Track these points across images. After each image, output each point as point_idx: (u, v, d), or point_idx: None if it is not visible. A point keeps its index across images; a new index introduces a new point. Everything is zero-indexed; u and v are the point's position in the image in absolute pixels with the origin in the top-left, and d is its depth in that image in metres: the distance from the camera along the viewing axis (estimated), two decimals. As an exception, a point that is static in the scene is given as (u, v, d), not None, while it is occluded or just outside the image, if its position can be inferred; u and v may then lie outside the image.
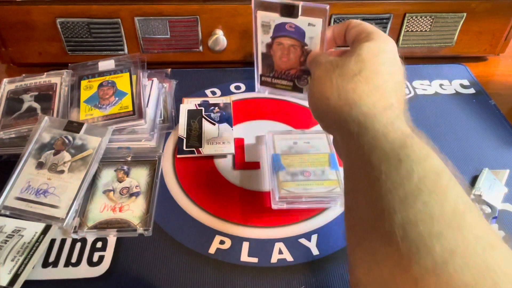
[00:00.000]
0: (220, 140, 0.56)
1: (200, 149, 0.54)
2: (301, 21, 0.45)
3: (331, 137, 0.54)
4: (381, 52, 0.36)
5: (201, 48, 0.66)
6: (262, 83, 0.53)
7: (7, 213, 0.45)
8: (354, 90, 0.34)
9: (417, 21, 0.66)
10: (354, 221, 0.30)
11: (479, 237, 0.24)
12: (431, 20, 0.66)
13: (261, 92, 0.54)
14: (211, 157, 0.54)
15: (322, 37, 0.46)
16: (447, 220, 0.24)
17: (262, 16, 0.47)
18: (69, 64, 0.60)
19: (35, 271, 0.42)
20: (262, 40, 0.49)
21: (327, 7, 0.43)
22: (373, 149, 0.29)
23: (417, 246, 0.23)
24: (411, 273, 0.23)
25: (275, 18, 0.46)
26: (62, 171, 0.48)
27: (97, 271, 0.42)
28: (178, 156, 0.54)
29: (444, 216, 0.24)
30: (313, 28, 0.45)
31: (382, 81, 0.34)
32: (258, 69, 0.52)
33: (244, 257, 0.44)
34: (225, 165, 0.53)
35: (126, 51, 0.66)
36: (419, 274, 0.23)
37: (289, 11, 0.45)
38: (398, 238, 0.24)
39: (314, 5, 0.44)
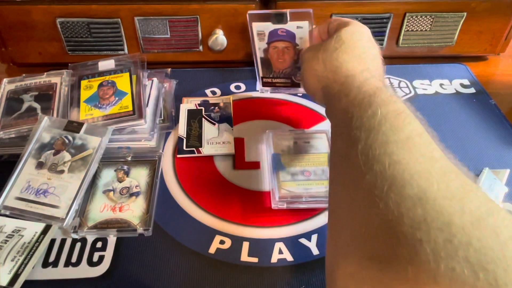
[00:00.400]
0: (220, 140, 0.56)
1: (200, 149, 0.54)
2: (290, 25, 0.52)
3: (331, 137, 0.54)
4: (357, 32, 0.44)
5: (201, 48, 0.66)
6: (264, 84, 0.60)
7: (7, 213, 0.45)
8: (337, 59, 0.42)
9: (417, 20, 0.66)
10: (333, 158, 0.36)
11: (424, 153, 0.29)
12: (431, 20, 0.66)
13: (264, 92, 0.62)
14: (211, 157, 0.54)
15: (310, 36, 0.52)
16: (400, 144, 0.29)
17: (257, 26, 0.54)
18: (69, 64, 0.60)
19: (35, 271, 0.42)
20: (259, 46, 0.56)
21: (311, 10, 0.50)
22: (350, 101, 0.36)
23: (372, 163, 0.29)
24: (365, 181, 0.29)
25: (268, 26, 0.53)
26: (62, 171, 0.48)
27: (97, 271, 0.42)
28: (178, 156, 0.54)
29: (398, 141, 0.30)
30: (301, 30, 0.52)
31: (359, 52, 0.42)
32: (259, 72, 0.59)
33: (244, 257, 0.44)
34: (225, 165, 0.53)
35: (126, 51, 0.66)
36: (371, 180, 0.29)
37: (279, 18, 0.52)
38: (360, 159, 0.30)
39: (299, 10, 0.51)
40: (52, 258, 0.43)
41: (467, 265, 0.22)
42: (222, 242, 0.45)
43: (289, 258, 0.44)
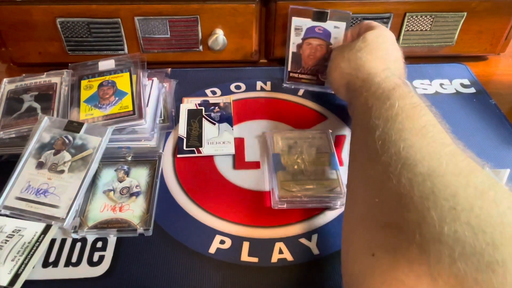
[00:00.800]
0: (220, 140, 0.56)
1: (200, 148, 0.54)
2: (328, 24, 0.56)
3: (331, 137, 0.54)
4: (381, 36, 0.49)
5: (201, 47, 0.66)
6: (290, 78, 0.64)
7: (7, 213, 0.45)
8: (360, 58, 0.47)
9: (418, 20, 0.66)
10: (353, 145, 0.40)
11: (436, 139, 0.32)
12: (432, 20, 0.66)
13: (288, 86, 0.65)
14: (211, 157, 0.54)
15: (344, 38, 0.57)
16: (414, 131, 0.33)
17: (296, 21, 0.57)
18: (69, 64, 0.60)
19: (35, 271, 0.42)
20: (293, 41, 0.59)
21: (350, 12, 0.56)
22: (370, 95, 0.40)
23: (388, 146, 0.32)
24: (381, 161, 0.32)
25: (307, 22, 0.57)
26: (62, 171, 0.48)
27: (97, 271, 0.42)
28: (178, 156, 0.54)
29: (413, 129, 0.33)
30: (337, 30, 0.57)
31: (382, 53, 0.47)
32: (288, 66, 0.63)
33: (245, 256, 0.44)
34: (225, 165, 0.53)
35: (126, 50, 0.66)
36: (386, 160, 0.32)
37: (320, 16, 0.56)
38: (377, 144, 0.34)
39: (340, 11, 0.56)
40: (52, 258, 0.43)
41: (468, 228, 0.25)
42: (222, 242, 0.45)
43: (289, 258, 0.44)
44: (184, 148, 0.55)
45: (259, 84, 0.66)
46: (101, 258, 0.43)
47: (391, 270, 0.27)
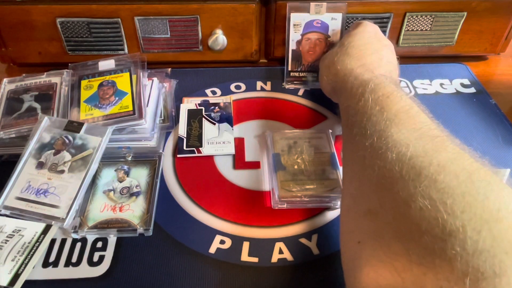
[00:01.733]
0: (220, 140, 0.56)
1: (200, 148, 0.54)
2: (326, 17, 0.59)
3: (331, 136, 0.55)
4: (358, 33, 0.51)
5: (201, 47, 0.66)
6: (290, 78, 0.65)
7: (7, 213, 0.45)
8: (337, 62, 0.49)
9: (418, 20, 0.66)
10: (342, 143, 0.43)
11: (407, 125, 0.34)
12: (432, 19, 0.66)
13: (288, 86, 0.66)
14: (211, 157, 0.54)
15: (342, 29, 0.59)
16: (388, 122, 0.35)
17: (295, 16, 0.59)
18: (69, 64, 0.60)
19: (35, 271, 0.42)
20: (292, 38, 0.60)
21: (346, 3, 0.59)
22: (347, 95, 0.42)
23: (364, 141, 0.35)
24: (359, 155, 0.35)
25: (305, 17, 0.59)
26: (62, 171, 0.48)
27: (98, 271, 0.42)
28: (178, 155, 0.54)
29: (386, 119, 0.35)
30: (335, 22, 0.59)
31: (357, 52, 0.49)
32: (288, 66, 0.64)
33: (245, 256, 0.44)
34: (225, 164, 0.53)
35: (126, 50, 0.66)
36: (362, 154, 0.35)
37: (318, 9, 0.58)
38: (356, 139, 0.36)
39: (335, 2, 0.59)
40: (52, 258, 0.43)
41: (431, 202, 0.27)
42: (222, 242, 0.45)
43: (289, 258, 0.44)
44: (184, 148, 0.55)
45: (259, 84, 0.66)
46: (101, 258, 0.43)
47: (374, 253, 0.29)
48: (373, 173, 0.32)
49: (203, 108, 0.60)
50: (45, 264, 0.43)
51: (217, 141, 0.56)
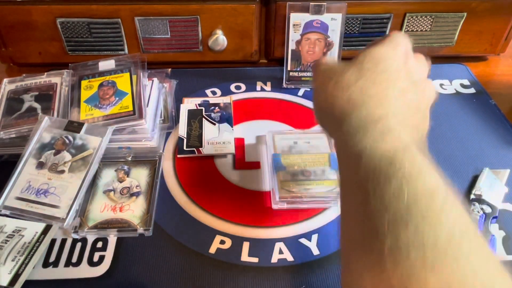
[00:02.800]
0: (220, 140, 0.56)
1: (200, 149, 0.54)
2: (325, 17, 0.58)
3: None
4: (384, 60, 0.32)
5: (201, 48, 0.66)
6: (290, 78, 0.64)
7: (8, 213, 0.45)
8: (348, 101, 0.31)
9: (418, 21, 0.66)
10: (345, 233, 0.29)
11: (477, 269, 0.22)
12: (432, 20, 0.66)
13: (288, 86, 0.65)
14: (211, 157, 0.54)
15: (341, 29, 0.59)
16: (441, 250, 0.23)
17: (294, 17, 0.59)
18: (70, 64, 0.60)
19: (35, 271, 0.42)
20: (292, 38, 0.60)
21: (346, 4, 0.58)
22: (362, 164, 0.28)
23: (409, 277, 0.22)
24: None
25: (305, 17, 0.59)
26: (62, 171, 0.48)
27: (98, 271, 0.42)
28: (179, 156, 0.54)
29: (438, 244, 0.23)
30: (334, 22, 0.58)
31: (378, 90, 0.31)
32: (288, 66, 0.63)
33: (245, 257, 0.44)
34: (225, 165, 0.53)
35: (126, 51, 0.66)
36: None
37: (317, 9, 0.58)
38: (388, 265, 0.23)
39: (335, 3, 0.58)
40: (52, 258, 0.43)
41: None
42: (222, 242, 0.45)
43: (289, 258, 0.44)
44: (184, 148, 0.55)
45: (259, 84, 0.67)
46: (101, 258, 0.43)
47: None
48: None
49: (203, 108, 0.60)
50: (45, 264, 0.43)
51: (217, 141, 0.56)
